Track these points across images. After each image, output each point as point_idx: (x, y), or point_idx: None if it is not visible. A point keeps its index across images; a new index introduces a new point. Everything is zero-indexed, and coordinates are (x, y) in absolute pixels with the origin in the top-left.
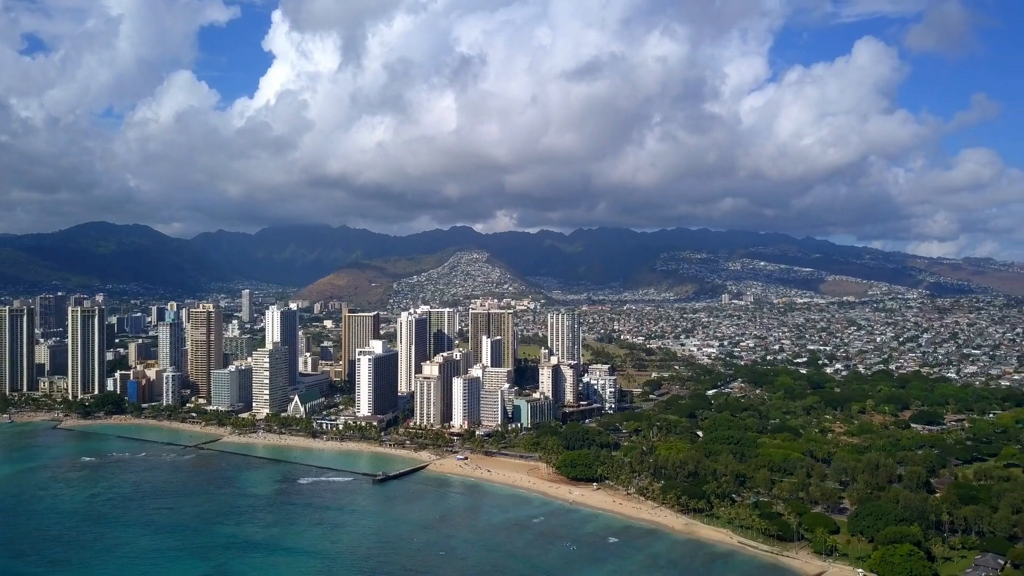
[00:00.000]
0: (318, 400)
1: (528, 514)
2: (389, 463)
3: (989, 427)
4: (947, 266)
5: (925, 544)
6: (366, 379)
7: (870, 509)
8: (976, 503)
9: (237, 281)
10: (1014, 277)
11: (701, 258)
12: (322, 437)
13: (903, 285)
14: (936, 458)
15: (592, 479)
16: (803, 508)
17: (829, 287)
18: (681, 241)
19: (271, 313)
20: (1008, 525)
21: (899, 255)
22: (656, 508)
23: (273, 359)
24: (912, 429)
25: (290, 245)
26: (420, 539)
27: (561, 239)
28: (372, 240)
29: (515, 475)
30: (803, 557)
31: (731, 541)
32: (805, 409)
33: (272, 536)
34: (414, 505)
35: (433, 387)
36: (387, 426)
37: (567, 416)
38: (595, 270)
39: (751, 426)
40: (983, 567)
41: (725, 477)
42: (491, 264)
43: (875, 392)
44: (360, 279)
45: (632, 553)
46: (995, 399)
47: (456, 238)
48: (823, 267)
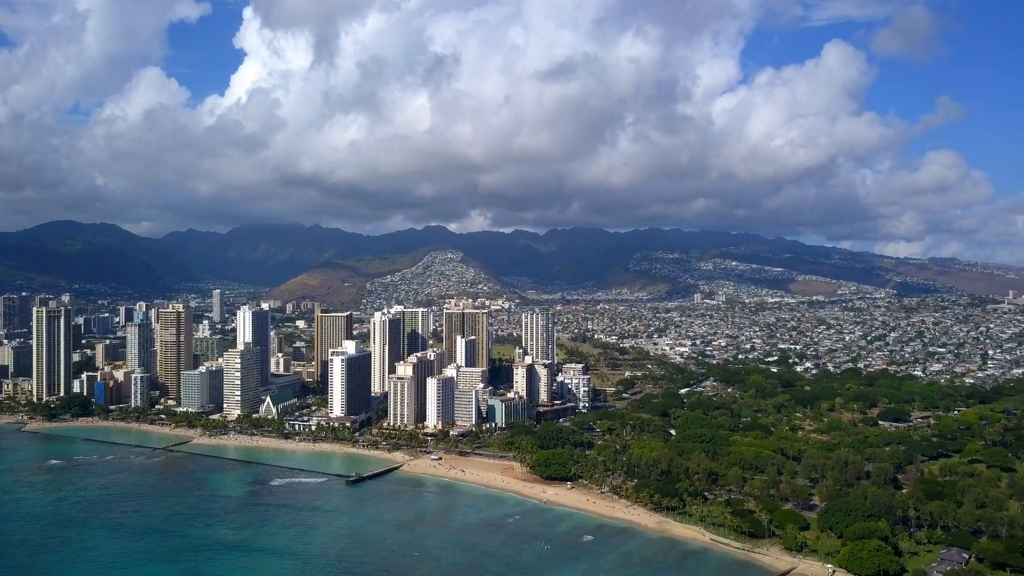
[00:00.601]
0: (290, 401)
1: (502, 514)
2: (362, 464)
3: (954, 424)
4: (913, 266)
5: (892, 539)
6: (339, 380)
7: (839, 505)
8: (941, 498)
9: (208, 281)
10: (977, 277)
11: (673, 258)
12: (294, 438)
13: (871, 285)
14: (903, 455)
15: (566, 478)
16: (774, 505)
17: (799, 287)
18: (654, 241)
19: (242, 313)
20: (972, 520)
21: (867, 255)
22: (629, 506)
23: (244, 360)
24: (880, 426)
25: (262, 244)
26: (394, 539)
27: (535, 239)
28: (345, 239)
29: (489, 475)
30: (774, 553)
31: (703, 539)
32: (776, 407)
33: (244, 538)
34: (388, 506)
35: (407, 387)
36: (360, 427)
37: (541, 415)
38: (569, 270)
39: (723, 424)
40: (948, 561)
41: (697, 475)
42: (465, 264)
43: (844, 390)
44: (333, 279)
45: (606, 551)
46: (960, 396)
47: (430, 238)
48: (793, 267)
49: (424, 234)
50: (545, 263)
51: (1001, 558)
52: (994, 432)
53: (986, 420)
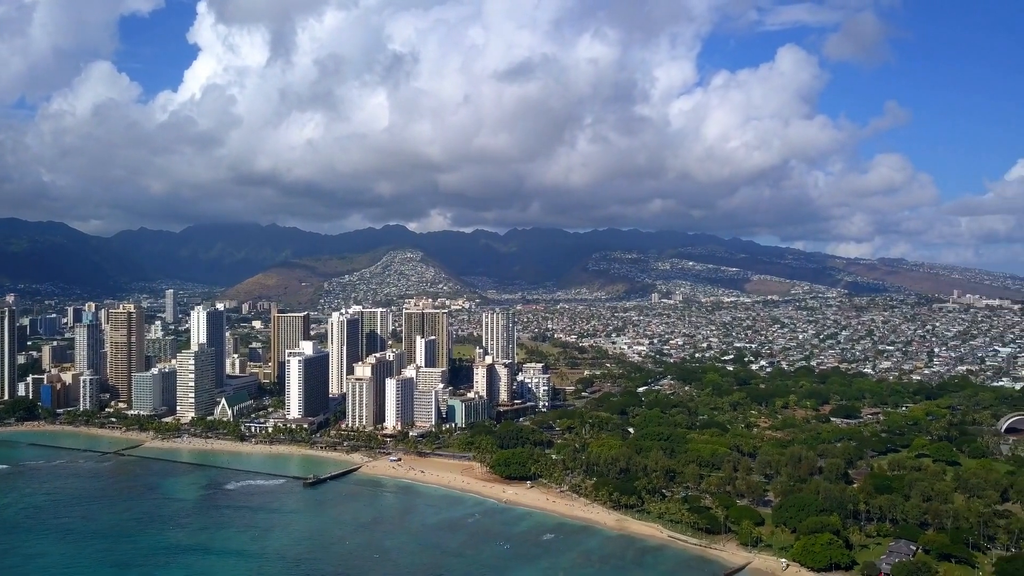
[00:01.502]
0: (246, 403)
1: (462, 514)
2: (320, 466)
3: (902, 420)
4: (863, 266)
5: (844, 533)
6: (296, 381)
7: (793, 501)
8: (890, 492)
9: (160, 281)
10: (924, 277)
11: (632, 258)
12: (251, 440)
13: (823, 284)
14: (854, 450)
15: (526, 477)
16: (730, 501)
17: (754, 286)
18: (612, 241)
19: (196, 313)
20: (919, 513)
21: (819, 255)
22: (589, 505)
23: (198, 361)
24: (832, 423)
25: (217, 244)
26: (353, 541)
27: (496, 239)
28: (302, 239)
29: (449, 475)
30: (730, 549)
31: (661, 535)
32: (732, 405)
33: (199, 542)
34: (347, 507)
35: (365, 388)
36: (318, 428)
37: (501, 415)
38: (529, 270)
39: (680, 422)
40: (896, 553)
41: (655, 473)
42: (425, 263)
43: (797, 388)
44: (290, 279)
45: (565, 550)
46: (907, 393)
47: (389, 237)
48: (748, 267)
49: (383, 233)
50: (505, 263)
51: (946, 549)
52: (939, 427)
53: (932, 416)
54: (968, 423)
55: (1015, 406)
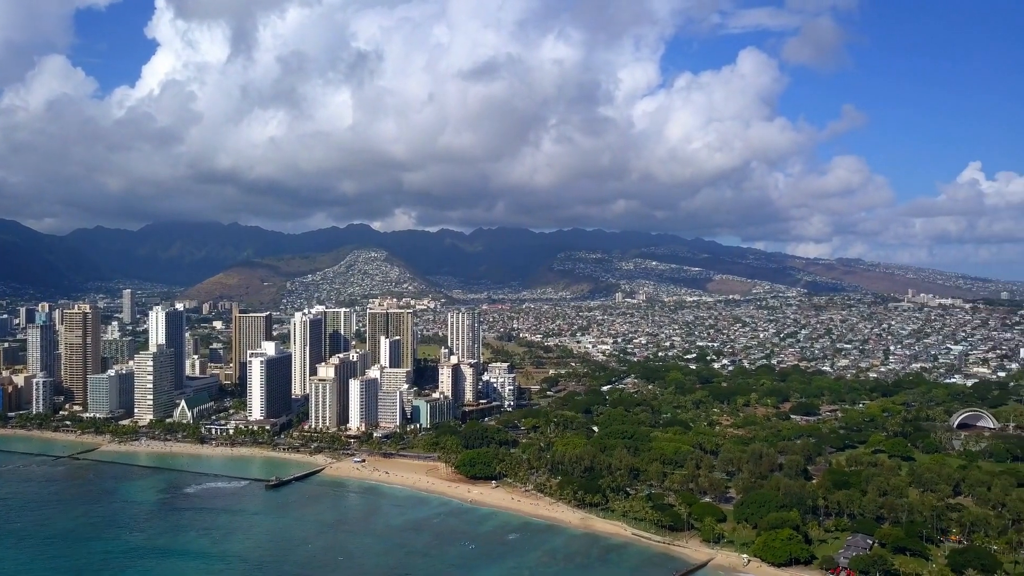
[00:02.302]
0: (207, 404)
1: (427, 514)
2: (283, 468)
3: (859, 416)
4: (822, 266)
5: (803, 528)
6: (258, 381)
7: (754, 497)
8: (848, 488)
9: (118, 280)
10: (880, 276)
11: (596, 258)
12: (211, 443)
13: (783, 284)
14: (813, 447)
15: (491, 477)
16: (693, 499)
17: (716, 286)
18: (577, 241)
19: (155, 314)
20: (875, 507)
21: (780, 255)
22: (554, 504)
23: (157, 362)
24: (792, 420)
25: (176, 243)
26: (317, 544)
27: (461, 238)
28: (265, 238)
29: (414, 476)
30: (693, 545)
31: (625, 533)
32: (694, 403)
33: (157, 547)
34: (310, 510)
35: (329, 389)
36: (280, 430)
37: (467, 415)
38: (495, 269)
39: (644, 420)
40: (854, 547)
41: (620, 471)
42: (390, 263)
43: (758, 386)
44: (252, 278)
45: (530, 549)
46: (864, 390)
47: (353, 236)
48: (711, 267)
49: (347, 232)
50: (471, 263)
51: (902, 543)
52: (895, 423)
53: (888, 412)
54: (922, 419)
55: (966, 402)
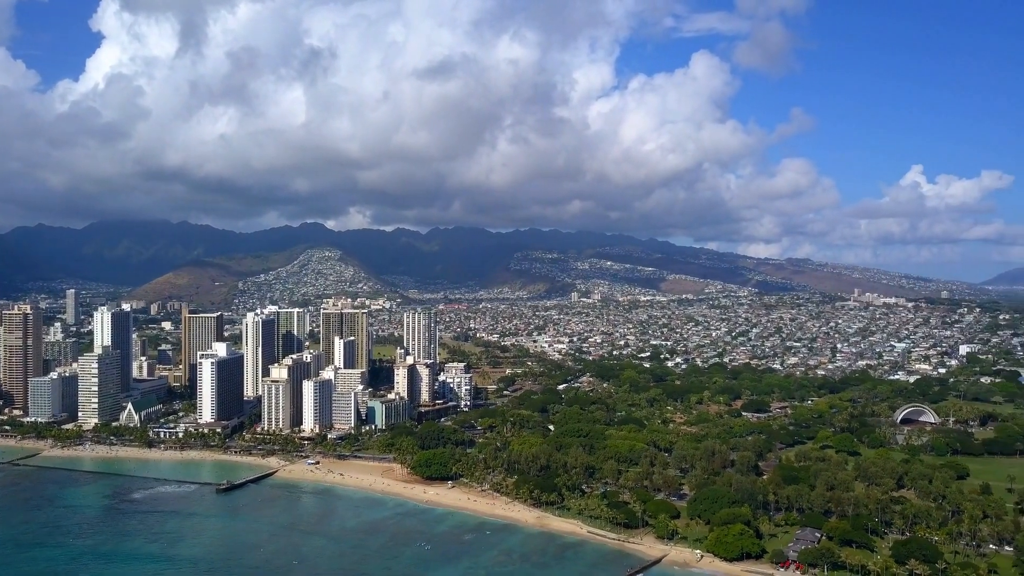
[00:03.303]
0: (155, 407)
1: (382, 516)
2: (234, 471)
3: (808, 413)
4: (772, 266)
5: (754, 523)
6: (208, 383)
7: (706, 494)
8: (797, 483)
9: (61, 280)
10: (828, 276)
11: (552, 258)
12: (159, 447)
13: (735, 283)
14: (763, 443)
15: (447, 477)
16: (647, 496)
17: (669, 285)
18: (534, 241)
19: (100, 314)
20: (823, 501)
21: (731, 255)
22: (510, 503)
23: (102, 364)
24: (743, 417)
25: (123, 241)
26: (269, 548)
27: (417, 237)
28: (215, 236)
29: (369, 477)
30: (647, 542)
31: (581, 531)
32: (649, 401)
33: (103, 554)
34: (262, 513)
35: (282, 390)
36: (232, 432)
37: (423, 416)
38: (452, 269)
39: (599, 419)
40: (803, 540)
41: (575, 469)
42: (344, 262)
43: (711, 384)
44: (202, 278)
45: (486, 549)
46: (813, 387)
47: (307, 235)
48: (664, 267)
49: (300, 231)
50: (427, 262)
51: (848, 535)
52: (842, 419)
53: (835, 409)
54: (867, 415)
55: (909, 398)
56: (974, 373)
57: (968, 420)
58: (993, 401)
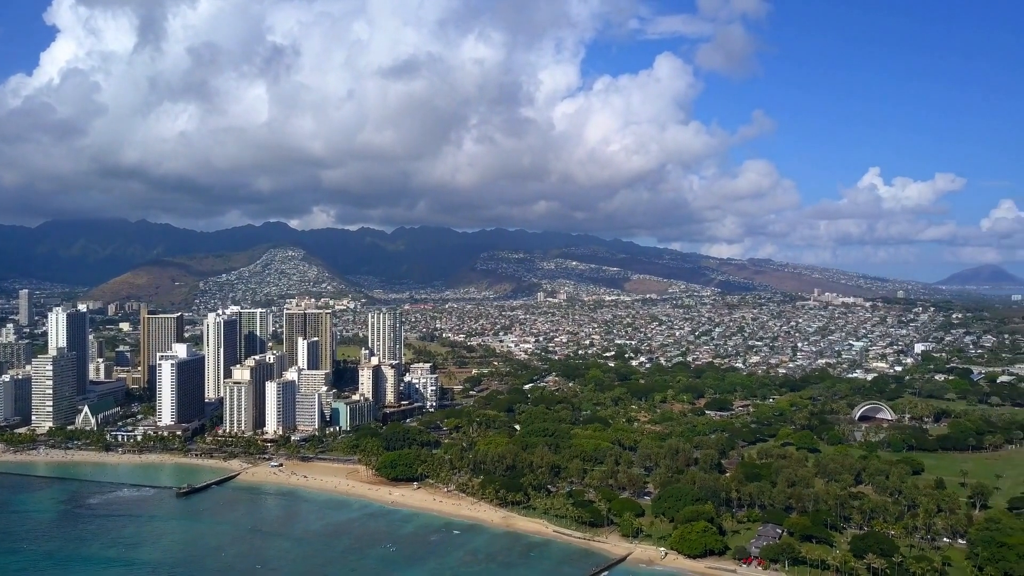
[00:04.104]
0: (112, 410)
1: (347, 518)
2: (195, 474)
3: (769, 411)
4: (734, 266)
5: (717, 520)
6: (168, 385)
7: (670, 492)
8: (759, 480)
9: (13, 280)
10: (789, 276)
11: (518, 258)
12: (117, 450)
13: (698, 283)
14: (726, 441)
15: (413, 478)
16: (612, 495)
17: (634, 285)
18: (500, 241)
19: (55, 315)
20: (785, 498)
21: (694, 256)
22: (476, 503)
23: (57, 366)
24: (706, 416)
25: (79, 240)
26: (231, 552)
27: (383, 237)
28: (176, 235)
29: (333, 479)
30: (612, 541)
31: (547, 531)
32: (613, 400)
33: (59, 560)
34: (224, 517)
35: (244, 392)
36: (193, 435)
37: (388, 417)
38: (417, 269)
39: (565, 418)
40: (764, 536)
41: (541, 469)
42: (308, 262)
43: (675, 382)
44: (162, 277)
45: (452, 550)
46: (774, 385)
47: (269, 234)
48: (629, 267)
49: (263, 230)
50: (393, 262)
51: (808, 531)
52: (802, 417)
53: (796, 407)
54: (827, 412)
55: (867, 396)
56: (928, 371)
57: (923, 417)
58: (947, 398)
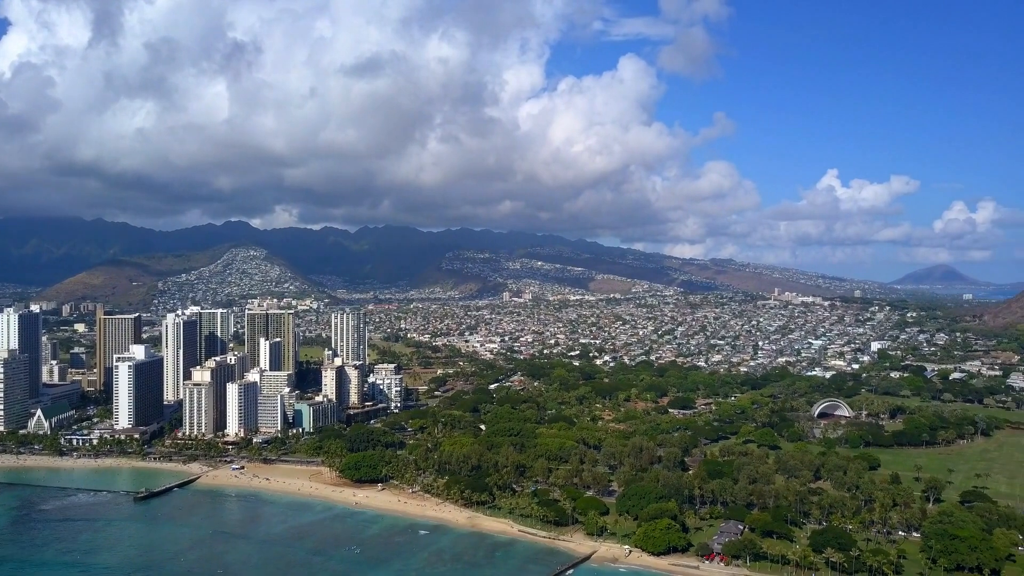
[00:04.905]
0: (67, 413)
1: (310, 520)
2: (154, 478)
3: (731, 409)
4: (697, 266)
5: (680, 517)
6: (125, 388)
7: (634, 490)
8: (721, 477)
9: None
10: (750, 276)
11: (484, 258)
12: (72, 455)
13: (661, 283)
14: (689, 439)
15: (377, 480)
16: (577, 493)
17: (598, 285)
18: (465, 241)
19: (6, 316)
20: (746, 494)
21: (657, 256)
22: (441, 504)
23: (8, 369)
24: (670, 414)
25: (32, 239)
26: (191, 556)
27: (346, 236)
28: (133, 235)
29: (296, 482)
30: (577, 539)
31: (512, 530)
32: (578, 399)
33: (12, 566)
34: (184, 521)
35: (204, 394)
36: (151, 438)
37: (352, 418)
38: (381, 268)
39: (530, 417)
40: (726, 533)
41: (506, 468)
42: (270, 262)
43: (638, 381)
44: (119, 278)
45: (417, 551)
46: (736, 384)
47: (231, 233)
48: (593, 267)
49: (224, 230)
50: (357, 261)
51: (769, 527)
52: (763, 415)
53: (757, 404)
54: (787, 410)
55: (825, 393)
56: (884, 368)
57: (879, 413)
58: (902, 395)
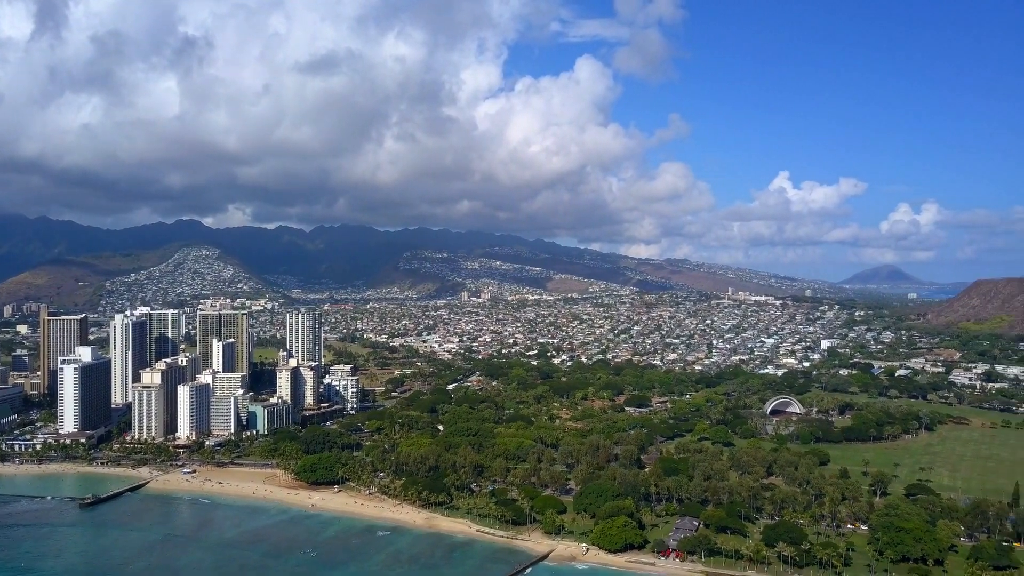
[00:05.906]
0: (9, 418)
1: (264, 524)
2: (101, 484)
3: (686, 407)
4: (652, 266)
5: (637, 514)
6: (71, 390)
7: (591, 488)
8: (677, 474)
9: None
10: (704, 276)
11: (442, 257)
12: (13, 460)
13: (617, 283)
14: (645, 437)
15: (334, 482)
16: (535, 492)
17: (556, 285)
18: (423, 240)
19: None
20: (701, 491)
21: (614, 256)
22: (398, 505)
23: None
24: (626, 412)
25: None
26: (140, 565)
27: (301, 235)
28: (79, 233)
29: (250, 485)
30: (535, 538)
31: (470, 530)
32: (536, 398)
33: None
34: (133, 527)
35: (154, 397)
36: (99, 443)
37: (307, 420)
38: (337, 268)
39: (488, 417)
40: (682, 529)
41: (464, 468)
42: (223, 261)
43: (595, 380)
44: (64, 277)
45: (374, 553)
46: (691, 382)
47: (182, 232)
48: (551, 266)
49: (175, 228)
50: (312, 261)
51: (723, 523)
52: (717, 412)
53: (711, 402)
54: (741, 407)
55: (777, 390)
56: (834, 366)
57: (829, 410)
58: (850, 391)
